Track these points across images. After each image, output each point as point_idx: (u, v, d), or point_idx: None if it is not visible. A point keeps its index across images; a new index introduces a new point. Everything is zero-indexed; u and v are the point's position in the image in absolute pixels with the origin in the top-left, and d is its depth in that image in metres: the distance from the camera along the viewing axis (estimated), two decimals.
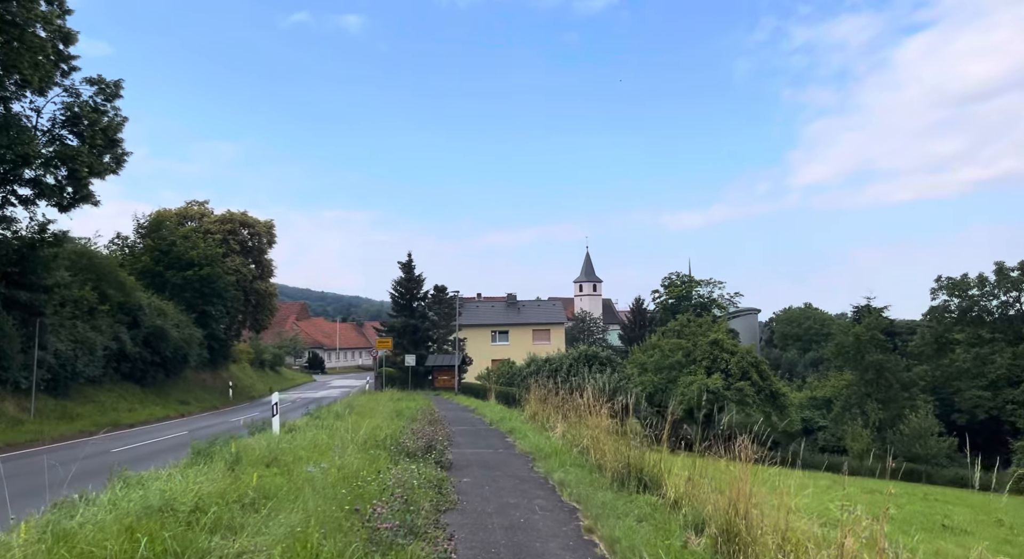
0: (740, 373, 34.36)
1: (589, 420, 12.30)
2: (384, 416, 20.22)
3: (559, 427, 15.71)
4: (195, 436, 22.21)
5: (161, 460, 11.63)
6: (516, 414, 22.70)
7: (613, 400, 11.94)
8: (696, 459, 8.84)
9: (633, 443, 10.02)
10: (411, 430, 14.27)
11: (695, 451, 8.98)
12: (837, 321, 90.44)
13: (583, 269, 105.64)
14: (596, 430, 11.54)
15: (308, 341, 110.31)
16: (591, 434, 11.64)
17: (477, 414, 25.94)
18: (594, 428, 11.57)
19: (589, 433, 11.76)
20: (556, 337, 73.33)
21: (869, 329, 40.80)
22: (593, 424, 11.70)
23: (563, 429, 15.34)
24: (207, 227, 49.32)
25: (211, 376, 48.57)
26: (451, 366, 49.58)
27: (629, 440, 10.17)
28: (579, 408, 15.68)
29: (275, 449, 11.41)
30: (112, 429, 25.65)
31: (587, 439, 11.82)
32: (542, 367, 42.00)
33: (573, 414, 15.48)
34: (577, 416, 15.11)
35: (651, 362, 38.35)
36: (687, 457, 9.92)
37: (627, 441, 10.24)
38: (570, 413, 16.13)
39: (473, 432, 18.43)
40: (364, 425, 17.16)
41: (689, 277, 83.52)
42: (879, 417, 38.29)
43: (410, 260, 58.85)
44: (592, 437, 11.51)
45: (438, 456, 11.16)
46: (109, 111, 25.32)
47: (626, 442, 10.28)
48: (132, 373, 33.76)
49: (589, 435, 11.67)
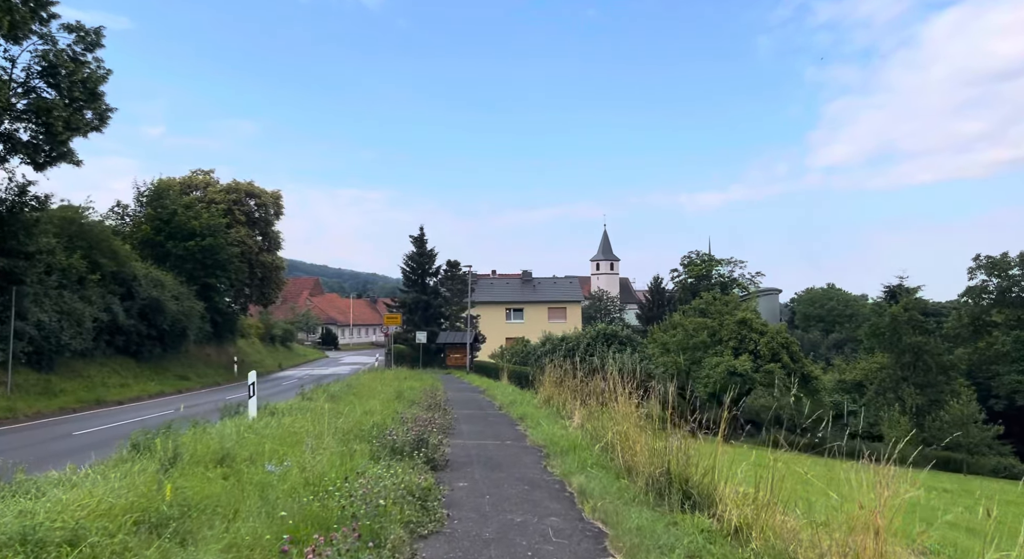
0: (770, 355, 32.05)
1: (615, 409, 10.21)
2: (383, 398, 18.30)
3: (577, 415, 13.66)
4: (182, 415, 20.45)
5: (114, 449, 9.72)
6: (529, 397, 20.69)
7: (647, 386, 9.84)
8: (759, 454, 6.79)
9: (673, 441, 7.93)
10: (406, 417, 12.30)
11: (733, 440, 6.86)
12: (861, 302, 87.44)
13: (600, 247, 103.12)
14: (624, 422, 9.45)
15: (322, 317, 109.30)
16: (617, 427, 9.56)
17: (487, 395, 23.98)
18: (622, 420, 9.48)
19: (615, 426, 9.67)
20: (572, 315, 71.16)
21: (907, 309, 38.32)
22: (620, 415, 9.61)
23: (582, 418, 13.29)
24: (212, 197, 47.46)
25: (216, 351, 47.07)
26: (463, 344, 47.70)
27: (667, 437, 8.07)
28: (601, 393, 13.63)
29: (238, 440, 9.46)
30: (96, 406, 24.03)
31: (612, 433, 9.75)
32: (558, 346, 40.00)
33: (594, 400, 13.41)
34: (599, 403, 13.05)
35: (673, 342, 36.09)
36: (734, 448, 7.82)
37: (664, 438, 8.15)
38: (590, 399, 14.07)
39: (480, 418, 16.45)
40: (357, 409, 15.25)
41: (709, 256, 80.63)
42: (916, 402, 35.96)
43: (422, 234, 56.85)
44: (620, 432, 9.44)
45: (430, 452, 9.13)
46: (90, 62, 23.29)
47: (663, 439, 8.20)
48: (127, 347, 32.16)
49: (615, 429, 9.59)
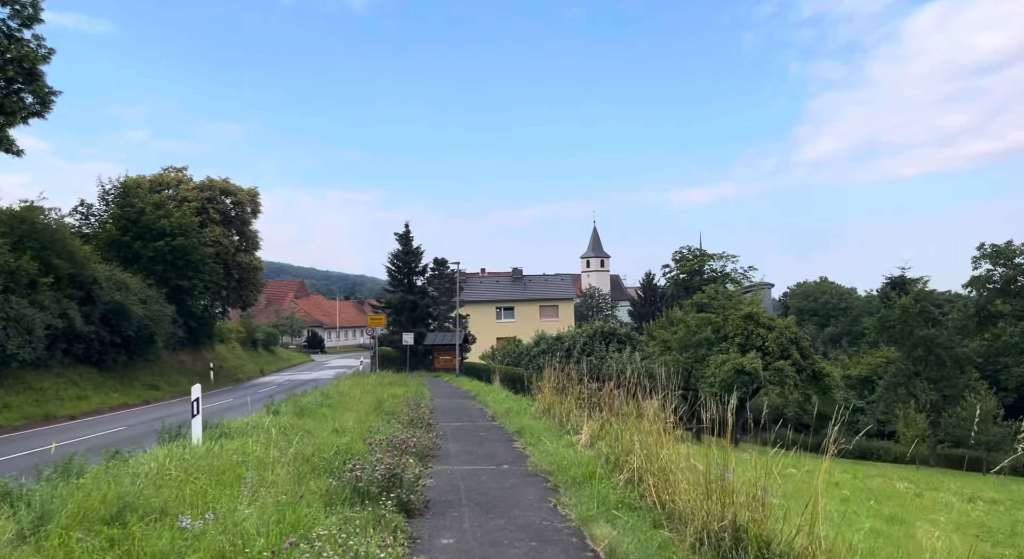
0: (779, 351, 30.05)
1: (640, 426, 8.05)
2: (360, 410, 16.09)
3: (585, 430, 11.51)
4: (133, 432, 18.14)
5: None
6: (526, 404, 18.53)
7: (686, 394, 7.70)
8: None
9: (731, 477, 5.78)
10: (377, 443, 10.12)
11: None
12: (853, 295, 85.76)
13: (590, 244, 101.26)
14: (655, 444, 7.30)
15: (307, 320, 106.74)
16: (647, 452, 7.40)
17: (478, 402, 21.79)
18: (653, 444, 7.32)
19: (643, 450, 7.50)
20: (565, 313, 69.16)
21: (918, 300, 36.57)
22: (650, 434, 7.46)
23: (591, 433, 11.15)
24: (184, 195, 44.96)
25: (191, 357, 44.59)
26: (452, 345, 45.48)
27: (726, 460, 5.92)
28: (610, 402, 11.50)
29: (154, 480, 7.22)
30: (45, 422, 21.65)
31: (639, 458, 7.59)
32: (552, 346, 37.86)
33: (606, 411, 11.29)
34: (612, 414, 10.93)
35: (675, 339, 34.07)
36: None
37: (715, 458, 6.00)
38: (601, 410, 11.94)
39: (470, 433, 14.25)
40: (327, 426, 13.03)
41: (701, 251, 78.93)
42: (930, 398, 34.16)
43: (407, 231, 54.55)
44: (649, 456, 7.29)
45: (405, 492, 6.93)
46: (28, 40, 20.90)
47: (711, 462, 6.06)
48: (87, 355, 29.70)
49: (643, 454, 7.42)
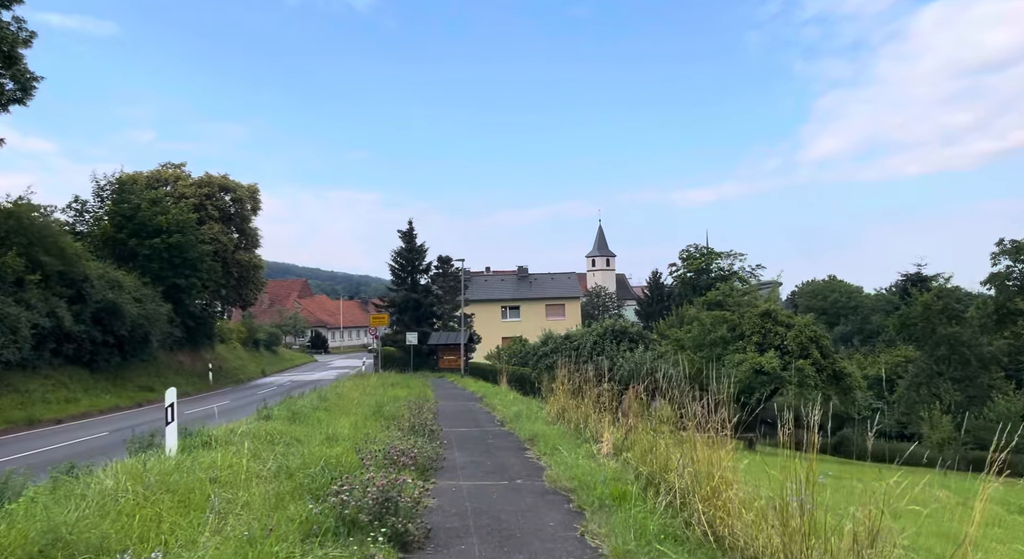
0: (799, 350, 28.71)
1: (681, 437, 6.80)
2: (358, 415, 14.87)
3: (607, 438, 10.25)
4: (114, 439, 16.95)
5: None
6: (536, 407, 17.29)
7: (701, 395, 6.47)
8: None
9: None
10: (369, 459, 8.89)
11: None
12: (862, 294, 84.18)
13: (596, 243, 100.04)
14: (705, 460, 6.05)
15: (311, 320, 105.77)
16: (694, 470, 6.14)
17: (485, 405, 20.54)
18: (700, 456, 6.07)
19: (688, 467, 6.24)
20: (572, 312, 67.87)
21: (941, 297, 35.22)
22: (700, 448, 6.20)
23: (615, 441, 9.89)
24: (181, 191, 43.84)
25: (189, 357, 43.47)
26: (457, 345, 44.25)
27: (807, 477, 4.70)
28: (636, 406, 10.25)
29: (101, 505, 6.01)
30: (27, 427, 20.49)
31: (683, 476, 6.33)
32: (561, 345, 36.60)
33: (631, 416, 10.04)
34: (637, 419, 9.68)
35: (688, 338, 32.75)
36: None
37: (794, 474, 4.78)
38: (620, 414, 10.71)
39: (478, 440, 13.01)
40: (321, 432, 11.82)
41: (708, 249, 77.57)
42: (954, 399, 32.82)
43: (411, 228, 53.24)
44: (697, 475, 6.04)
45: (401, 520, 5.72)
46: (9, 22, 19.75)
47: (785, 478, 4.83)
48: (78, 356, 28.56)
49: (689, 472, 6.16)
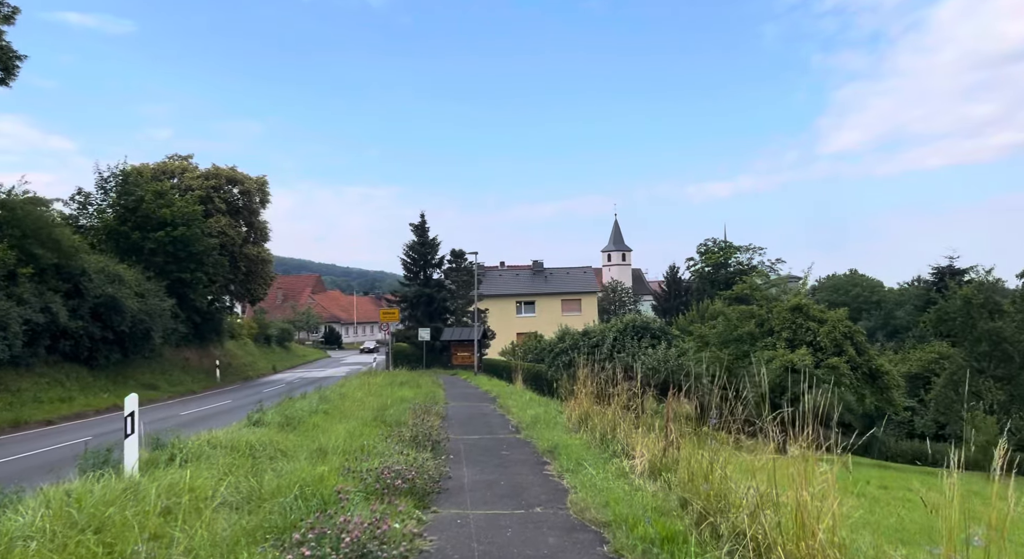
0: (832, 347, 27.04)
1: (759, 463, 5.28)
2: (358, 420, 13.46)
3: (641, 450, 8.73)
4: (98, 443, 15.73)
5: None
6: (554, 410, 15.79)
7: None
8: None
9: None
10: (365, 473, 7.45)
11: None
12: (884, 288, 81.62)
13: (611, 237, 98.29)
14: (815, 508, 4.53)
15: (324, 315, 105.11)
16: (787, 510, 4.63)
17: (499, 407, 19.06)
18: (801, 499, 4.55)
19: (768, 506, 4.73)
20: (588, 307, 66.24)
21: (982, 291, 33.30)
22: (799, 483, 4.67)
23: (652, 457, 8.36)
24: (188, 183, 42.70)
25: (196, 354, 42.38)
26: (470, 341, 42.81)
27: None
28: (678, 415, 8.72)
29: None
30: (13, 429, 19.29)
31: (763, 519, 4.83)
32: (579, 342, 35.06)
33: (669, 428, 8.49)
34: (678, 429, 8.13)
35: (713, 334, 31.11)
36: None
37: None
38: (661, 427, 9.19)
39: (490, 450, 11.52)
40: (312, 443, 10.40)
41: (727, 243, 75.64)
42: (996, 399, 30.95)
43: (423, 221, 51.84)
44: (800, 526, 4.53)
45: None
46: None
47: None
48: (76, 353, 27.44)
49: (773, 515, 4.65)
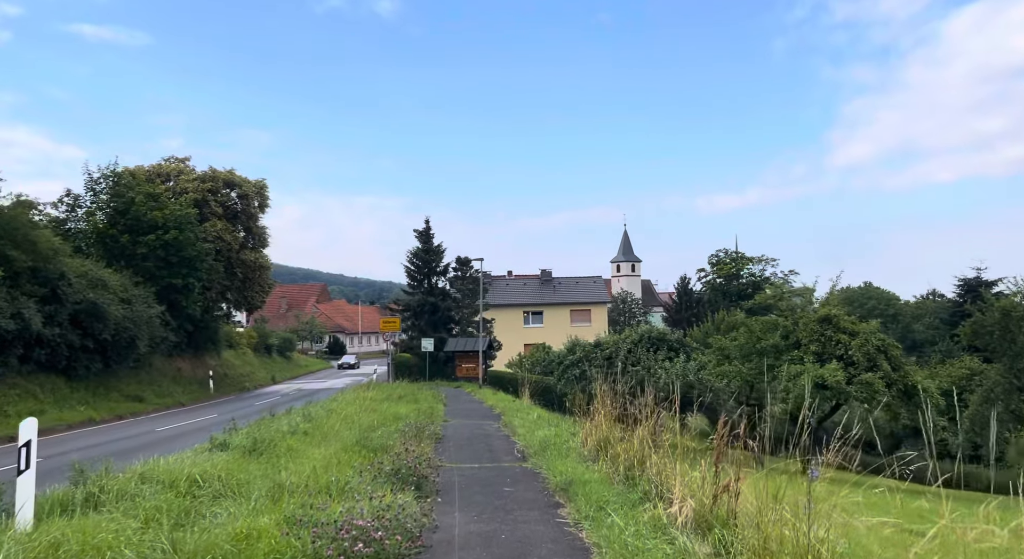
0: (866, 361, 25.02)
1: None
2: (338, 443, 11.58)
3: (681, 493, 6.81)
4: (50, 465, 13.93)
5: None
6: (566, 431, 13.85)
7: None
8: None
9: None
10: (322, 528, 5.61)
11: None
12: (898, 300, 78.93)
13: (621, 248, 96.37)
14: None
15: (329, 325, 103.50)
16: None
17: (503, 426, 17.12)
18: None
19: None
20: (598, 318, 64.24)
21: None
22: None
23: (696, 505, 6.44)
24: (183, 186, 41.16)
25: (190, 364, 40.66)
26: (475, 352, 40.90)
27: None
28: (719, 449, 6.83)
29: None
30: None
31: None
32: (590, 353, 33.08)
33: (720, 461, 6.56)
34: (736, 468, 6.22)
35: (735, 346, 29.08)
36: None
37: None
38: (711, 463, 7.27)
39: (489, 484, 9.59)
40: (277, 473, 8.53)
41: (739, 253, 73.52)
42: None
43: (427, 227, 50.03)
44: None
45: None
46: None
47: None
48: (52, 362, 25.71)
49: None
